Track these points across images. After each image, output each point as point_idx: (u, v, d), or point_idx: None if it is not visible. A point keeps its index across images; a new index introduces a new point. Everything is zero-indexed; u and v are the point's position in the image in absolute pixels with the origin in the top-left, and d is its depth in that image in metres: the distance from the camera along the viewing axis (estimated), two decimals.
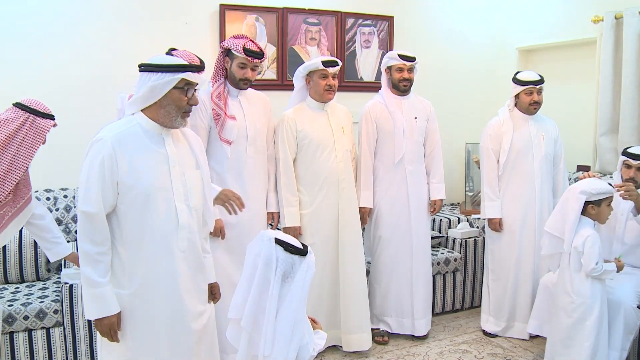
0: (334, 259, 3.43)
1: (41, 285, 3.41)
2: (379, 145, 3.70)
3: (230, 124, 3.08)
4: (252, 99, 3.25)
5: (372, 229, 3.80)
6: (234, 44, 3.05)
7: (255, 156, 3.20)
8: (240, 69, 3.07)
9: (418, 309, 3.74)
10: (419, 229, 3.74)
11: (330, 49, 4.61)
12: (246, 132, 3.14)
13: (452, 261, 4.21)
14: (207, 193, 2.29)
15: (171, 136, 2.18)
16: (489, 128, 3.78)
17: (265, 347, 1.81)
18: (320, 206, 3.39)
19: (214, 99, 3.07)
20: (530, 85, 3.63)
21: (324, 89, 3.33)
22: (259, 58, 3.07)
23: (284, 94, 4.03)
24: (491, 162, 3.75)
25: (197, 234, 2.23)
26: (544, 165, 3.70)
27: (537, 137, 3.69)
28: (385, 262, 3.74)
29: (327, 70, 3.30)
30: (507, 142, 3.68)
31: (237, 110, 3.14)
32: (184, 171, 2.17)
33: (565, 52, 4.88)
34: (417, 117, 3.72)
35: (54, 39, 3.78)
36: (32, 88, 3.74)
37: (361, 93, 4.64)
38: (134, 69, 3.86)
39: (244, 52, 3.02)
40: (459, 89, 5.15)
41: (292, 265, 1.89)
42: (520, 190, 3.70)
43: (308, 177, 3.38)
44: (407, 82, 3.67)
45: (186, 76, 2.08)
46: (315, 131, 3.36)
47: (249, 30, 4.30)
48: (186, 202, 2.16)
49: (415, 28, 4.96)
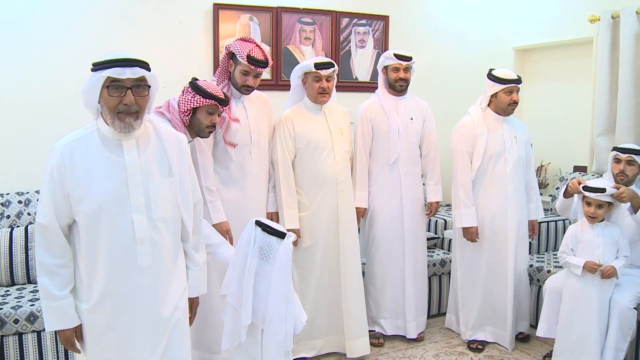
0: (333, 262, 3.41)
1: (32, 288, 3.38)
2: (373, 146, 3.69)
3: (235, 127, 3.07)
4: (254, 101, 3.23)
5: (367, 230, 3.79)
6: (239, 49, 2.99)
7: (259, 158, 3.20)
8: (243, 76, 3.03)
9: (410, 311, 3.74)
10: (413, 230, 3.73)
11: (325, 49, 4.61)
12: (250, 134, 3.13)
13: (447, 262, 4.18)
14: (186, 200, 2.07)
15: (135, 141, 1.98)
16: (461, 128, 3.59)
17: (245, 316, 2.14)
18: (319, 208, 3.37)
19: None
20: (512, 84, 3.46)
21: (317, 91, 3.30)
22: (263, 67, 3.02)
23: (278, 94, 4.03)
24: (465, 166, 3.56)
25: (167, 248, 2.03)
26: (517, 169, 3.55)
27: (510, 140, 3.54)
28: (379, 263, 3.74)
29: (319, 73, 3.27)
30: (482, 145, 3.51)
31: (241, 112, 3.13)
32: (148, 180, 1.97)
33: (561, 51, 4.89)
34: (413, 118, 3.71)
35: (42, 40, 3.75)
36: (22, 92, 3.73)
37: (356, 93, 4.62)
38: None
39: (247, 60, 2.97)
40: (454, 88, 5.12)
41: (270, 245, 2.15)
42: (491, 195, 3.56)
43: (306, 179, 3.36)
44: (404, 82, 3.65)
45: (111, 73, 1.86)
46: (313, 132, 3.34)
47: (242, 30, 4.29)
48: (148, 214, 1.96)
49: (410, 27, 4.96)
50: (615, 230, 3.13)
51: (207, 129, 2.78)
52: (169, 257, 2.05)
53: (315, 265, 3.37)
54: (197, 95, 2.70)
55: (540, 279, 3.85)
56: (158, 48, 4.02)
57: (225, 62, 3.10)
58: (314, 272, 3.38)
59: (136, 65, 1.90)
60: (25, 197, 3.65)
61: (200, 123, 2.75)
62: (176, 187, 2.03)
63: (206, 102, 2.71)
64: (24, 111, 3.74)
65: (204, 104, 2.71)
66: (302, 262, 3.37)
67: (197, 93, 2.70)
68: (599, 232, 3.10)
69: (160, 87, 3.47)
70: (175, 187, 2.03)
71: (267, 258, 2.18)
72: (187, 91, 2.74)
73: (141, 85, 1.93)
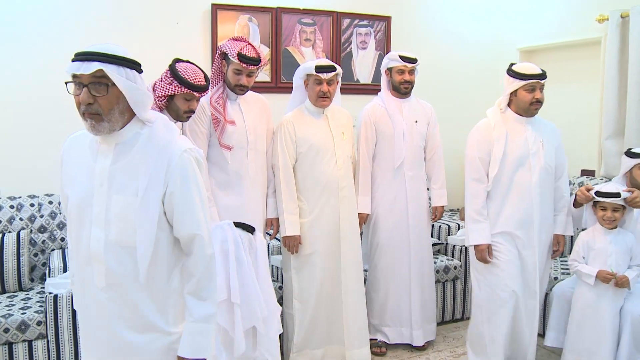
0: (334, 269, 3.36)
1: (24, 296, 3.32)
2: (377, 149, 3.66)
3: (230, 129, 3.04)
4: (251, 102, 3.20)
5: (370, 236, 3.74)
6: (230, 48, 2.97)
7: (256, 161, 3.17)
8: (235, 75, 3.01)
9: (416, 319, 3.69)
10: (418, 236, 3.69)
11: (326, 50, 4.56)
12: (246, 136, 3.11)
13: (451, 269, 4.15)
14: (144, 228, 1.71)
15: (115, 147, 1.75)
16: (476, 133, 3.18)
17: (262, 309, 2.27)
18: (320, 214, 3.33)
19: (212, 104, 3.02)
20: (534, 79, 3.02)
21: (317, 95, 3.26)
22: (255, 65, 2.99)
23: (278, 97, 3.99)
24: (477, 175, 3.13)
25: (127, 278, 1.74)
26: (544, 178, 3.11)
27: (536, 145, 3.11)
28: (382, 269, 3.69)
29: (320, 77, 3.22)
30: (499, 151, 3.07)
31: (237, 114, 3.10)
32: (112, 194, 1.72)
33: (568, 52, 4.82)
34: (418, 121, 3.68)
35: (35, 41, 3.70)
36: (15, 93, 3.69)
37: (358, 96, 4.58)
38: None
39: (238, 58, 2.93)
40: (458, 90, 5.10)
41: (250, 240, 2.33)
42: (514, 210, 3.10)
43: (307, 185, 3.32)
44: (408, 84, 3.63)
45: (68, 68, 1.69)
46: (315, 136, 3.31)
47: (241, 31, 4.25)
48: (106, 230, 1.72)
49: (413, 28, 4.92)
50: (628, 237, 3.06)
51: (185, 114, 2.72)
52: (133, 293, 1.77)
53: (315, 273, 3.33)
54: (174, 81, 2.63)
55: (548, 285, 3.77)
56: (154, 49, 3.94)
57: (218, 63, 3.07)
58: (315, 279, 3.33)
59: (95, 59, 1.66)
60: (17, 201, 3.60)
61: (177, 109, 2.70)
62: (137, 210, 1.71)
63: (182, 90, 2.63)
64: (16, 113, 3.70)
65: (179, 92, 2.64)
66: (303, 269, 3.33)
67: (175, 79, 2.63)
68: (611, 240, 3.03)
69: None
70: (133, 210, 1.71)
71: (251, 251, 2.30)
72: (166, 76, 2.66)
73: (101, 83, 1.66)
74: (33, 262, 3.60)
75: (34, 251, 3.60)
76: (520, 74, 3.04)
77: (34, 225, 3.60)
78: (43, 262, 3.63)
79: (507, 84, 3.12)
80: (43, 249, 3.63)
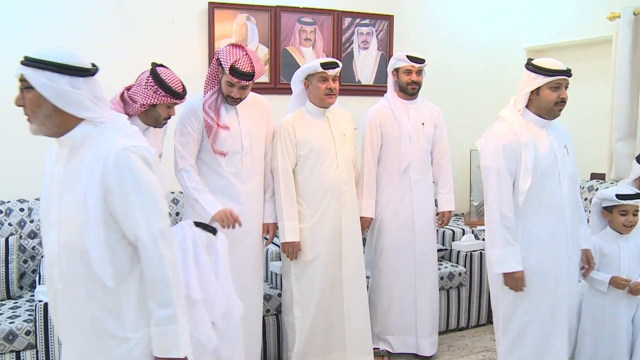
0: (336, 276, 3.30)
1: (12, 304, 3.23)
2: (383, 152, 3.62)
3: (224, 135, 3.00)
4: (249, 106, 3.13)
5: (374, 241, 3.70)
6: (225, 58, 2.87)
7: (252, 166, 3.11)
8: (228, 87, 2.95)
9: (423, 327, 3.63)
10: (424, 241, 3.64)
11: (326, 50, 4.49)
12: (241, 141, 3.05)
13: (456, 276, 4.09)
14: (87, 227, 1.68)
15: (69, 150, 1.76)
16: (498, 139, 2.71)
17: (220, 305, 2.32)
18: (321, 220, 3.26)
19: (205, 109, 2.97)
20: (561, 76, 2.66)
21: (324, 92, 3.21)
22: (248, 80, 2.89)
23: (277, 98, 3.92)
24: (507, 190, 2.68)
25: (78, 281, 1.72)
26: (573, 188, 2.77)
27: (561, 151, 2.75)
28: (387, 276, 3.64)
29: (326, 73, 3.18)
30: (530, 160, 2.65)
31: (232, 118, 3.05)
32: (63, 196, 1.74)
33: (577, 52, 4.74)
34: (425, 123, 3.64)
35: (28, 42, 3.61)
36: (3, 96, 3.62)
37: (359, 97, 4.55)
38: (117, 71, 3.77)
39: (229, 72, 2.86)
40: (462, 92, 5.05)
41: (210, 240, 2.35)
42: (545, 229, 2.71)
43: (308, 189, 3.26)
44: (416, 85, 3.59)
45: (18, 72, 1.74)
46: (316, 139, 3.25)
47: (239, 30, 4.19)
48: (58, 232, 1.74)
49: (416, 28, 4.86)
50: (639, 242, 2.99)
51: (164, 121, 2.75)
52: (85, 297, 1.74)
53: (316, 280, 3.27)
54: (159, 90, 2.60)
55: None
56: (149, 49, 3.92)
57: (214, 68, 2.99)
58: (315, 287, 3.27)
59: (22, 63, 1.73)
60: (6, 206, 3.53)
61: (158, 115, 2.69)
62: (80, 211, 1.69)
63: (168, 99, 2.62)
64: (4, 116, 3.59)
65: (165, 101, 2.63)
66: (303, 276, 3.27)
67: (161, 87, 2.60)
68: (623, 245, 2.96)
69: None
70: (78, 210, 1.70)
71: (210, 252, 2.35)
72: (149, 84, 2.61)
73: (25, 86, 1.71)
74: (22, 269, 3.52)
75: (24, 257, 3.52)
76: (545, 70, 2.65)
77: (23, 230, 3.53)
78: (33, 269, 3.54)
79: (527, 80, 2.71)
80: (33, 255, 3.54)
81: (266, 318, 3.51)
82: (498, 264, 2.69)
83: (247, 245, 3.11)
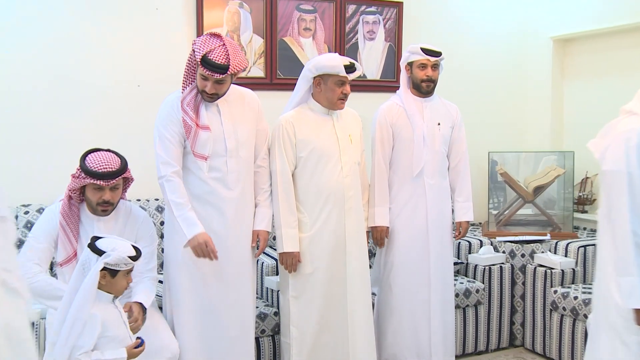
0: (339, 292, 3.27)
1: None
2: (394, 155, 3.62)
3: (204, 136, 2.95)
4: (233, 102, 3.07)
5: (383, 254, 3.66)
6: (199, 47, 2.85)
7: (238, 170, 3.04)
8: (202, 80, 2.91)
9: (437, 351, 3.59)
10: (439, 254, 3.60)
11: (328, 42, 4.47)
12: (224, 142, 3.00)
13: (473, 293, 4.05)
14: None
15: None
16: (632, 136, 2.43)
17: None
18: (322, 229, 3.24)
19: (183, 107, 2.94)
20: None
21: (338, 97, 3.21)
22: (220, 73, 2.85)
23: (273, 95, 3.96)
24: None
25: None
26: None
27: None
28: (397, 292, 3.60)
29: (346, 77, 3.17)
30: None
31: (214, 117, 3.01)
32: None
33: (610, 40, 4.70)
34: (441, 123, 3.62)
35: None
36: None
37: (364, 94, 4.48)
38: (97, 62, 3.76)
39: (201, 63, 2.83)
40: (480, 88, 5.02)
41: (89, 261, 2.35)
42: None
43: (308, 194, 3.24)
44: (430, 82, 3.58)
45: None
46: (318, 140, 3.23)
47: (231, 19, 4.14)
48: None
49: (428, 16, 4.81)
50: None
51: (99, 207, 2.83)
52: None
53: (317, 296, 3.24)
54: (81, 173, 2.77)
55: (589, 314, 3.64)
56: (131, 39, 3.90)
57: (192, 60, 2.95)
58: (316, 304, 3.23)
59: None
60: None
61: (90, 201, 2.83)
62: None
63: (88, 180, 2.76)
64: None
65: (85, 182, 2.77)
66: (302, 292, 3.23)
67: (82, 171, 2.77)
68: None
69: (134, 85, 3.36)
70: None
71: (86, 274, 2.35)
72: (76, 169, 2.80)
73: None
74: None
75: None
76: None
77: None
78: None
79: None
80: None
81: (261, 339, 3.47)
82: (634, 297, 2.37)
83: (236, 261, 3.06)
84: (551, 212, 4.71)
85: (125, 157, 2.86)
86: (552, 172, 4.64)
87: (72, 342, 2.27)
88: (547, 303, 4.05)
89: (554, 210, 4.76)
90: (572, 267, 4.10)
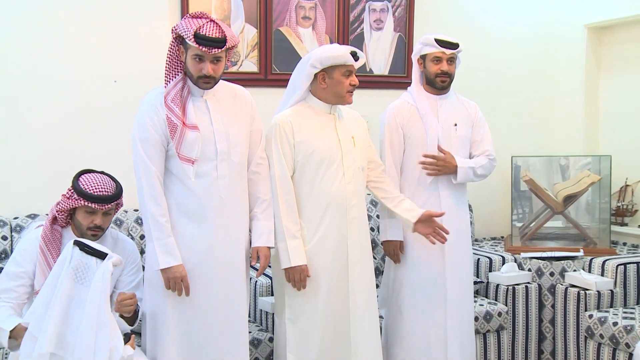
0: (341, 311, 3.26)
1: None
2: (405, 159, 3.63)
3: (192, 137, 2.92)
4: (223, 98, 3.03)
5: (392, 270, 3.65)
6: (185, 28, 2.82)
7: (230, 176, 2.99)
8: (197, 63, 2.87)
9: None
10: (458, 270, 3.59)
11: (330, 32, 4.47)
12: (214, 144, 2.97)
13: (495, 316, 4.03)
14: None
15: None
16: None
17: (44, 344, 2.47)
18: (322, 241, 3.23)
19: (167, 103, 2.90)
20: None
21: (346, 89, 3.21)
22: (219, 46, 2.83)
23: (268, 92, 3.96)
24: None
25: None
26: None
27: None
28: (409, 316, 3.59)
29: (354, 66, 3.18)
30: None
31: (203, 115, 2.97)
32: None
33: None
34: (458, 124, 3.63)
35: None
36: None
37: (370, 90, 4.47)
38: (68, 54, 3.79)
39: (194, 40, 2.79)
40: (502, 83, 5.02)
41: (88, 266, 2.54)
42: None
43: (306, 203, 3.24)
44: (446, 77, 3.58)
45: None
46: (317, 141, 3.22)
47: (220, 6, 4.11)
48: None
49: (443, 2, 4.83)
50: None
51: (90, 231, 2.92)
52: None
53: (317, 316, 3.22)
54: (73, 194, 2.89)
55: (631, 342, 3.60)
56: (107, 29, 3.91)
57: (174, 50, 2.91)
58: (316, 324, 3.21)
59: None
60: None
61: (80, 224, 2.94)
62: None
63: (81, 202, 2.89)
64: None
65: (78, 204, 2.90)
66: (300, 314, 3.22)
67: (74, 192, 2.89)
68: None
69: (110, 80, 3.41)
70: None
71: (83, 281, 2.54)
72: (68, 189, 2.93)
73: None
74: None
75: None
76: None
77: None
78: None
79: None
80: None
81: None
82: None
83: (226, 281, 3.02)
84: (584, 224, 4.67)
85: (119, 182, 3.00)
86: (585, 179, 4.59)
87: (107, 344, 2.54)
88: (581, 329, 3.98)
89: (588, 222, 4.74)
90: (610, 287, 4.02)
